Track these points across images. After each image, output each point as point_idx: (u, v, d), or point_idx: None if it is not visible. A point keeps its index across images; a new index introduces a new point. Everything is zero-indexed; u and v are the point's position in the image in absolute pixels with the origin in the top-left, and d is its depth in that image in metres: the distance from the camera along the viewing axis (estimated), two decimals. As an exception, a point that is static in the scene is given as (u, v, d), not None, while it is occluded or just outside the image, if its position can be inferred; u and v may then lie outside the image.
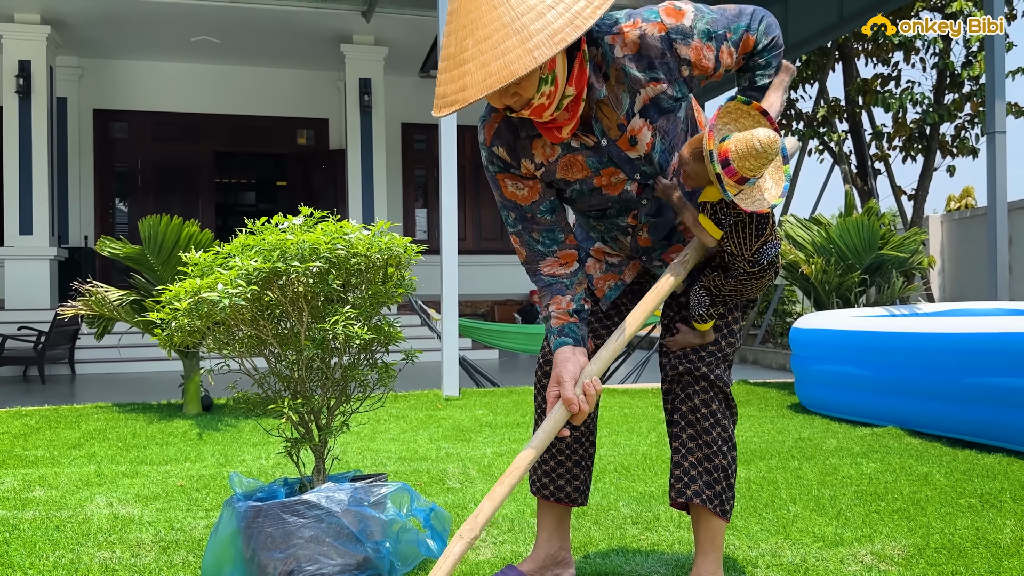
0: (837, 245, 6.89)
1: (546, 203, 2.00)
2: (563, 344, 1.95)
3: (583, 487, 2.24)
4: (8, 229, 10.01)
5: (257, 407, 2.28)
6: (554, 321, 1.99)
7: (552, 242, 2.02)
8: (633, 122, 1.85)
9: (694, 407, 2.04)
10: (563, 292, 2.01)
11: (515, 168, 1.96)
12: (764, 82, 1.96)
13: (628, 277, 2.19)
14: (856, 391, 4.87)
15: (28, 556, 2.58)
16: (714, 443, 2.03)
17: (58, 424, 5.10)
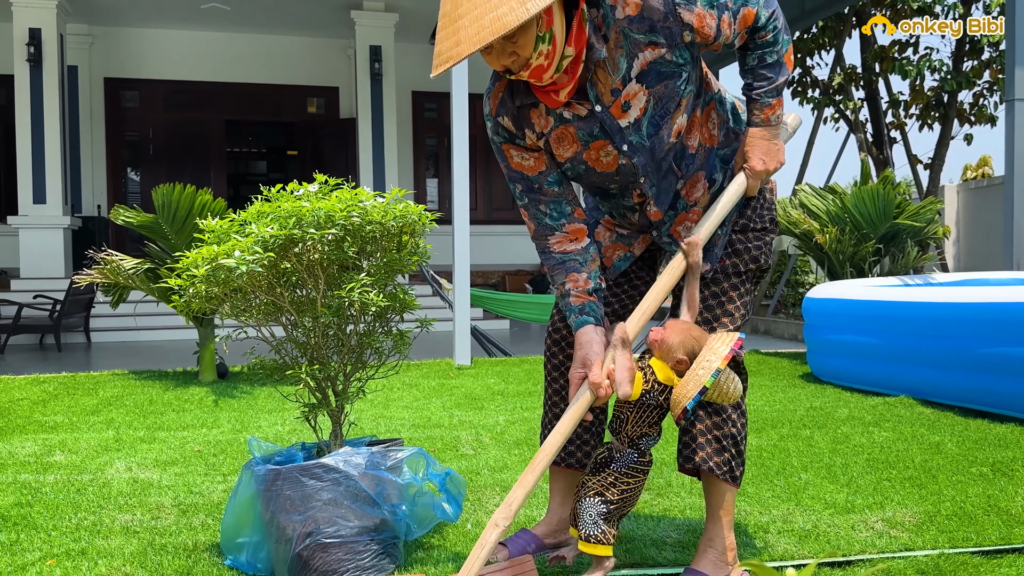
0: (852, 214, 6.84)
1: (553, 174, 2.00)
2: (585, 323, 1.95)
3: (592, 452, 2.27)
4: (22, 198, 10.05)
5: (275, 373, 2.30)
6: (573, 299, 1.98)
7: (560, 215, 2.02)
8: (629, 87, 1.85)
9: None
10: (578, 270, 2.01)
11: (520, 139, 1.97)
12: (773, 59, 1.95)
13: (638, 250, 2.19)
14: (869, 361, 4.87)
15: (51, 518, 2.63)
16: (723, 411, 2.04)
17: (76, 391, 5.17)
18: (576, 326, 1.96)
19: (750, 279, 2.13)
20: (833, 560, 2.16)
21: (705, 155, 2.04)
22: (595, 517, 1.89)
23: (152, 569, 2.18)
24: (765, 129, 2.00)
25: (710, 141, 2.04)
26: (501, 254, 12.85)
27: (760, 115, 2.00)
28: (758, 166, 1.99)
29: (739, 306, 2.09)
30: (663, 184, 2.01)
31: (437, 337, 6.93)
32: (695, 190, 2.05)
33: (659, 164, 1.97)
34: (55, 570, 2.19)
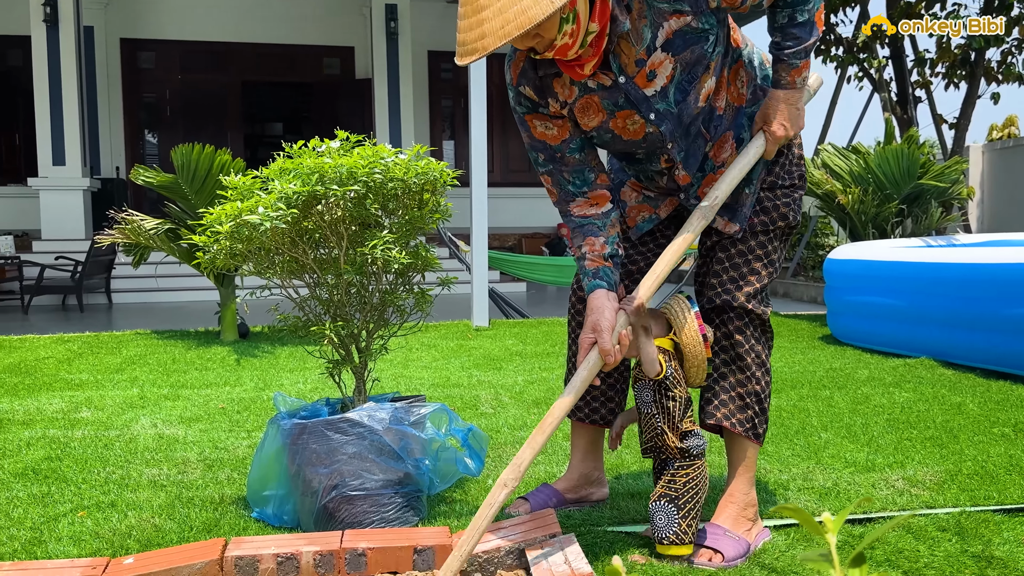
0: (875, 175, 6.75)
1: (576, 141, 1.98)
2: (597, 287, 1.93)
3: (617, 409, 2.28)
4: (41, 160, 10.10)
5: (298, 329, 2.32)
6: (588, 263, 1.97)
7: (583, 183, 2.00)
8: (654, 56, 1.82)
9: (728, 333, 2.05)
10: (596, 234, 1.99)
11: (543, 107, 1.94)
12: (803, 18, 1.90)
13: (664, 212, 2.17)
14: (890, 322, 4.84)
15: (81, 472, 2.68)
16: (747, 368, 2.04)
17: (99, 350, 5.24)
18: (588, 290, 1.94)
19: (778, 237, 2.10)
20: (854, 517, 2.17)
21: (733, 115, 2.01)
22: (667, 519, 1.91)
23: (180, 521, 2.23)
24: (790, 92, 1.96)
25: (738, 100, 2.01)
26: (518, 217, 12.81)
27: (787, 77, 1.96)
28: (779, 131, 1.96)
29: (766, 264, 2.07)
30: (692, 148, 1.99)
31: (455, 299, 6.94)
32: (723, 151, 2.02)
33: (687, 129, 1.95)
34: (86, 521, 2.24)
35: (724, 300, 2.04)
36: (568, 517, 2.19)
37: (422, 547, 1.81)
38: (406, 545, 1.81)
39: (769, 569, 1.88)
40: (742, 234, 2.06)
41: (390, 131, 11.24)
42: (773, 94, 1.98)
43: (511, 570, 1.83)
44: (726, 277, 2.06)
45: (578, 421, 2.30)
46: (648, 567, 1.89)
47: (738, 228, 2.05)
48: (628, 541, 2.04)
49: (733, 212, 2.05)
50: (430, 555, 1.81)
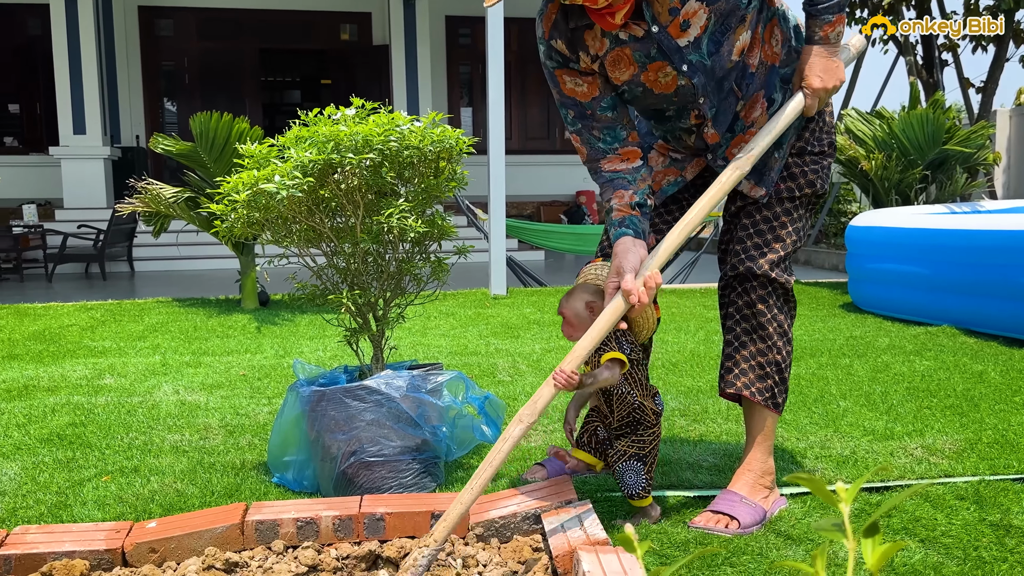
0: (899, 140, 6.64)
1: (607, 99, 1.94)
2: (623, 235, 1.89)
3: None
4: (62, 129, 10.15)
5: (316, 298, 2.33)
6: (615, 213, 1.93)
7: (613, 139, 1.97)
8: (688, 5, 1.79)
9: (750, 302, 2.03)
10: (626, 187, 1.95)
11: (574, 62, 1.90)
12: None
13: (690, 174, 2.14)
14: (912, 290, 4.79)
15: (104, 437, 2.73)
16: (769, 338, 2.03)
17: (122, 317, 5.30)
18: (615, 237, 1.91)
19: (804, 204, 2.08)
20: (871, 485, 2.17)
21: (765, 74, 1.98)
22: (636, 476, 1.93)
23: (202, 486, 2.26)
24: (824, 47, 1.94)
25: (772, 59, 1.98)
26: (536, 185, 12.75)
27: (819, 32, 1.93)
28: (816, 83, 1.93)
29: (791, 232, 2.04)
30: (723, 105, 1.96)
31: (472, 267, 6.94)
32: (754, 110, 2.00)
33: (720, 83, 1.91)
34: (110, 486, 2.28)
35: (747, 267, 2.02)
36: (584, 483, 2.20)
37: (439, 512, 1.83)
38: (424, 510, 1.83)
39: (785, 536, 1.89)
40: (768, 200, 2.03)
41: (407, 98, 11.18)
42: (807, 49, 1.96)
43: (527, 535, 1.85)
44: (750, 244, 2.03)
45: None
46: (662, 534, 1.90)
47: (764, 192, 2.02)
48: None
49: (760, 176, 2.02)
50: (447, 520, 1.83)
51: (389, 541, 1.80)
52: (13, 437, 2.73)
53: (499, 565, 1.74)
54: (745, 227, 2.05)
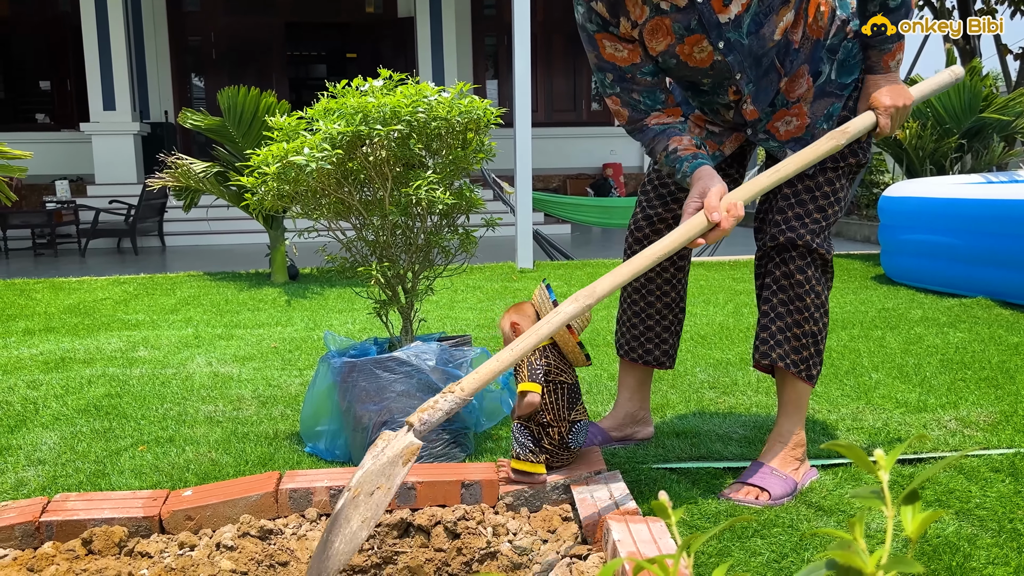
0: (934, 108, 6.50)
1: (648, 66, 1.89)
2: (703, 163, 1.83)
3: (671, 351, 2.28)
4: (92, 105, 10.25)
5: (346, 271, 2.34)
6: (683, 152, 1.87)
7: (654, 102, 1.93)
8: None
9: (788, 272, 1.98)
10: (680, 133, 1.90)
11: (614, 27, 1.85)
12: (896, 3, 1.86)
13: (728, 149, 2.10)
14: (946, 261, 4.71)
15: (139, 408, 2.78)
16: (806, 309, 1.98)
17: (154, 291, 5.38)
18: (692, 168, 1.83)
19: (847, 175, 2.02)
20: (905, 457, 2.15)
21: (811, 48, 1.92)
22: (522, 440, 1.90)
23: (236, 455, 2.30)
24: (886, 77, 1.93)
25: (817, 33, 1.92)
26: (562, 158, 12.67)
27: (879, 63, 1.92)
28: (886, 101, 1.90)
29: (832, 202, 1.99)
30: (763, 83, 1.92)
31: (499, 241, 6.93)
32: (797, 86, 1.95)
33: (758, 61, 1.87)
34: (146, 455, 2.32)
35: (788, 238, 1.97)
36: (613, 455, 2.20)
37: (469, 481, 1.84)
38: (454, 479, 1.85)
39: (816, 508, 1.88)
40: (811, 169, 1.98)
41: (433, 70, 11.13)
42: (869, 80, 1.94)
43: (557, 504, 1.86)
44: (791, 214, 1.98)
45: (629, 360, 2.30)
46: (692, 505, 1.90)
47: None
48: (673, 479, 2.05)
49: (804, 146, 1.96)
50: (477, 489, 1.85)
51: (420, 509, 1.82)
52: (52, 408, 2.79)
53: (529, 534, 1.75)
54: (786, 196, 2.00)
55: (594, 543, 1.68)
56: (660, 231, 2.14)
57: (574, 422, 1.91)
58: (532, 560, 1.67)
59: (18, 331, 4.14)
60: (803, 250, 1.98)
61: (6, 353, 3.64)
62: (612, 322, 4.10)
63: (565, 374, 1.93)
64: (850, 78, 1.96)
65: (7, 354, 3.62)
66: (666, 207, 2.16)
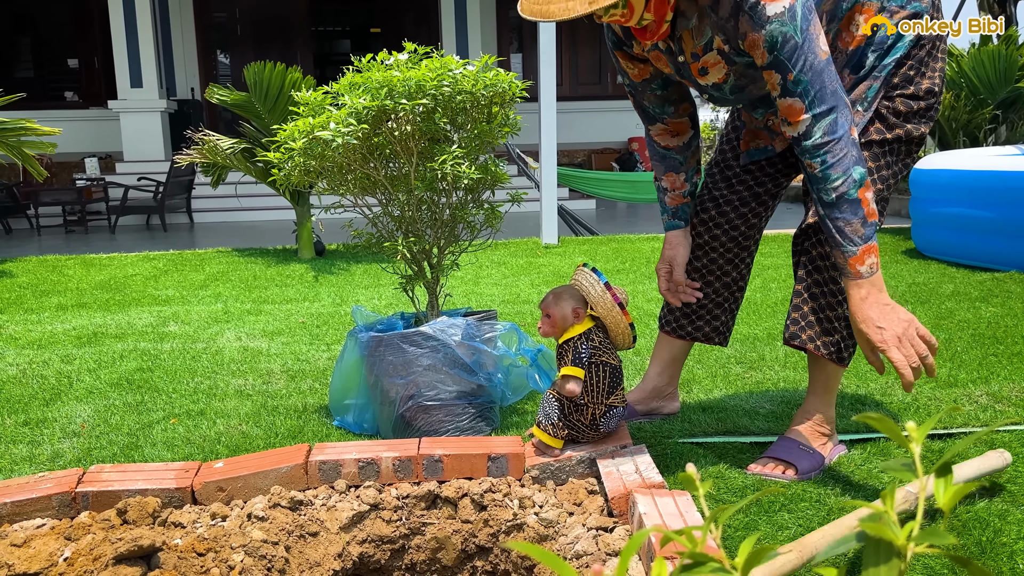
0: (969, 78, 6.36)
1: (657, 82, 2.00)
2: (676, 228, 2.13)
3: (723, 328, 2.26)
4: (120, 82, 10.33)
5: (372, 246, 2.35)
6: (669, 200, 2.12)
7: (662, 112, 2.05)
8: (708, 56, 1.77)
9: (824, 253, 1.91)
10: (677, 169, 2.07)
11: (627, 47, 1.96)
12: (829, 198, 1.67)
13: (779, 146, 2.04)
14: (979, 235, 4.63)
15: (171, 382, 2.82)
16: (840, 292, 1.91)
17: (183, 267, 5.44)
18: (667, 228, 2.14)
19: (895, 150, 1.90)
20: (934, 432, 2.13)
21: (845, 59, 1.87)
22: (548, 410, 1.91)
23: (266, 428, 2.33)
24: (860, 289, 1.69)
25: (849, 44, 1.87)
26: (587, 132, 12.58)
27: (845, 266, 1.70)
28: (881, 336, 1.67)
29: (876, 179, 1.88)
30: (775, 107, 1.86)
31: (524, 216, 6.92)
32: None
33: (763, 99, 1.87)
34: (178, 428, 2.36)
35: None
36: (639, 429, 2.21)
37: (496, 455, 1.86)
38: (481, 452, 1.86)
39: (844, 482, 1.87)
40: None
41: (457, 44, 11.07)
42: (848, 295, 1.74)
43: (583, 478, 1.87)
44: None
45: (675, 336, 2.27)
46: (719, 479, 1.90)
47: None
48: (699, 453, 2.05)
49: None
50: (503, 462, 1.86)
51: (447, 482, 1.84)
52: (85, 381, 2.85)
53: (555, 506, 1.76)
54: None
55: (620, 516, 1.69)
56: (725, 212, 2.12)
57: (611, 406, 1.91)
58: (558, 532, 1.68)
59: (51, 307, 4.22)
60: None
61: (40, 328, 3.71)
62: (641, 298, 4.09)
63: (608, 354, 1.92)
64: (893, 57, 1.87)
65: (41, 329, 3.69)
66: (731, 189, 2.13)
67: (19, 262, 5.83)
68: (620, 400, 1.92)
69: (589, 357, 1.89)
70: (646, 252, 5.69)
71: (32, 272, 5.36)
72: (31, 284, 4.90)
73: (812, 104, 1.64)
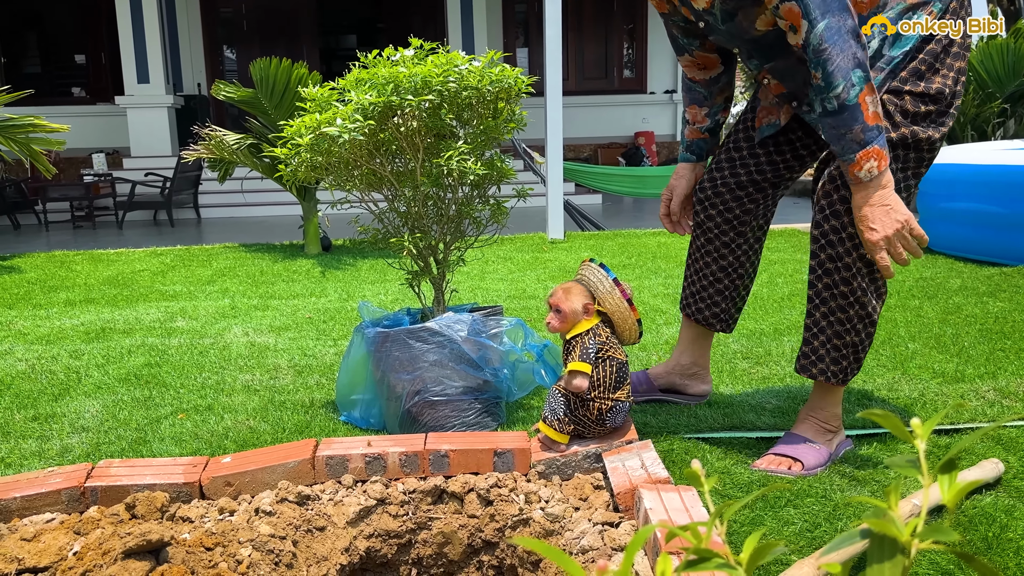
0: (977, 72, 6.33)
1: (678, 15, 1.97)
2: (686, 160, 2.22)
3: (723, 315, 2.28)
4: (127, 78, 10.35)
5: (378, 242, 2.35)
6: (688, 133, 2.20)
7: (689, 44, 2.08)
8: None
9: (833, 283, 1.88)
10: (700, 103, 2.11)
11: None
12: (832, 106, 1.67)
13: (783, 118, 2.04)
14: (987, 229, 4.61)
15: (179, 377, 2.84)
16: (848, 321, 1.89)
17: (191, 262, 5.46)
18: (679, 159, 2.23)
19: (900, 157, 1.82)
20: (941, 427, 2.12)
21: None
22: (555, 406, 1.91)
23: (274, 423, 2.34)
24: (860, 191, 1.72)
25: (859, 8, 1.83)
26: (593, 126, 12.56)
27: (847, 172, 1.72)
28: (872, 237, 1.74)
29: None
30: (779, 62, 1.85)
31: (530, 211, 6.92)
32: None
33: (756, 42, 1.83)
34: (185, 423, 2.38)
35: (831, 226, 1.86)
36: (645, 425, 2.21)
37: (502, 450, 1.86)
38: (487, 448, 1.87)
39: (850, 478, 1.87)
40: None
41: (463, 39, 11.06)
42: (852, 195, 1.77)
43: (588, 473, 1.88)
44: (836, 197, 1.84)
45: (684, 314, 2.34)
46: (725, 474, 1.90)
47: None
48: (705, 448, 2.05)
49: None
50: (509, 457, 1.86)
51: (453, 477, 1.84)
52: (93, 377, 2.86)
53: (560, 501, 1.77)
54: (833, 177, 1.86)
55: (625, 511, 1.70)
56: (721, 193, 2.13)
57: (617, 401, 1.91)
58: (564, 527, 1.68)
59: (59, 302, 4.24)
60: (848, 260, 1.85)
61: (49, 323, 3.73)
62: (647, 293, 4.08)
63: (615, 350, 1.93)
64: (901, 50, 1.83)
65: (50, 324, 3.71)
66: (732, 171, 2.13)
67: (27, 257, 5.86)
68: (626, 395, 1.93)
69: (597, 352, 1.90)
70: (652, 247, 5.68)
71: (40, 268, 5.38)
72: (39, 280, 4.93)
73: (809, 8, 1.64)
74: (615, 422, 1.92)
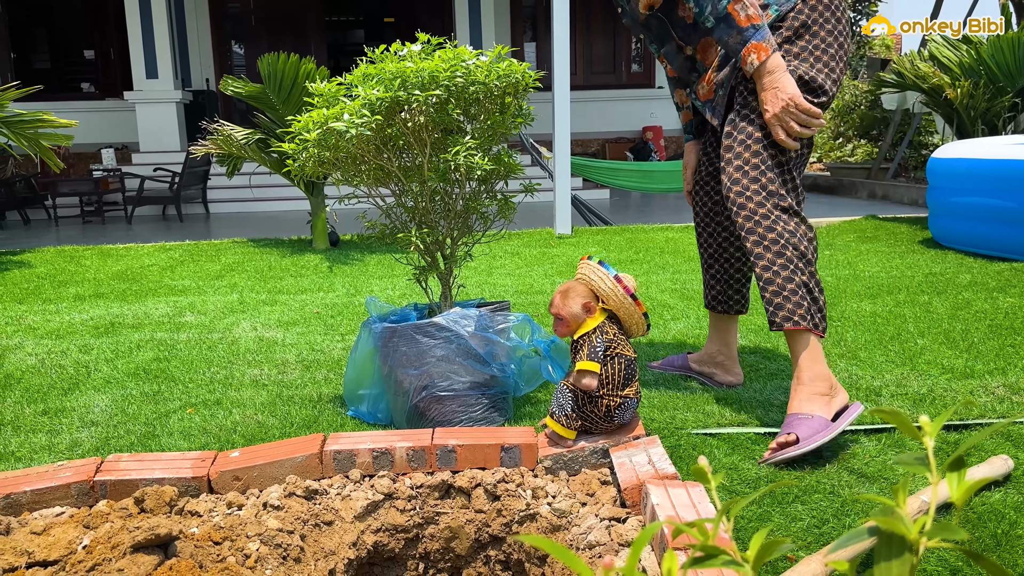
0: (988, 66, 6.28)
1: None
2: (689, 139, 2.49)
3: (730, 303, 2.49)
4: (135, 73, 10.38)
5: (386, 237, 2.35)
6: (682, 116, 2.46)
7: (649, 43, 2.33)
8: None
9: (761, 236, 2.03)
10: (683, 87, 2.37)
11: None
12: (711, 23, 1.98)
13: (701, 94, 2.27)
14: (997, 224, 4.58)
15: (187, 372, 2.85)
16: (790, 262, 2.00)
17: (199, 257, 5.47)
18: (685, 140, 2.49)
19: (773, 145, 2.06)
20: (950, 423, 2.12)
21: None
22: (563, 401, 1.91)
23: (282, 418, 2.35)
24: (757, 82, 1.99)
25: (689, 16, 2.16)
26: (601, 121, 12.52)
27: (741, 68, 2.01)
28: (766, 116, 1.99)
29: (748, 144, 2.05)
30: (668, 46, 2.22)
31: (537, 206, 6.92)
32: (710, 55, 2.16)
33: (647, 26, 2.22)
34: (194, 417, 2.38)
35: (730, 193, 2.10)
36: (652, 421, 2.21)
37: (509, 445, 1.86)
38: (494, 443, 1.87)
39: (858, 474, 1.86)
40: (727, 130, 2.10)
41: (470, 33, 11.04)
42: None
43: (595, 468, 1.88)
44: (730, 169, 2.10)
45: (705, 304, 2.56)
46: (732, 470, 1.89)
47: (718, 122, 2.17)
48: (712, 444, 2.05)
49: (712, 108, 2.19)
50: (516, 452, 1.87)
51: (460, 472, 1.85)
52: (103, 371, 2.87)
53: (567, 496, 1.77)
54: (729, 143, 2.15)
55: (632, 507, 1.69)
56: (700, 183, 2.45)
57: (626, 398, 1.91)
58: (571, 522, 1.68)
59: (69, 297, 4.26)
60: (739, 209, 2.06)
61: (58, 318, 3.75)
62: (654, 288, 4.08)
63: (623, 346, 1.93)
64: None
65: (59, 319, 3.73)
66: (708, 161, 2.42)
67: (37, 252, 5.89)
68: (635, 392, 1.92)
69: (605, 350, 1.89)
70: (660, 242, 5.67)
71: (50, 262, 5.41)
72: (49, 274, 4.95)
73: None
74: (623, 418, 1.92)
